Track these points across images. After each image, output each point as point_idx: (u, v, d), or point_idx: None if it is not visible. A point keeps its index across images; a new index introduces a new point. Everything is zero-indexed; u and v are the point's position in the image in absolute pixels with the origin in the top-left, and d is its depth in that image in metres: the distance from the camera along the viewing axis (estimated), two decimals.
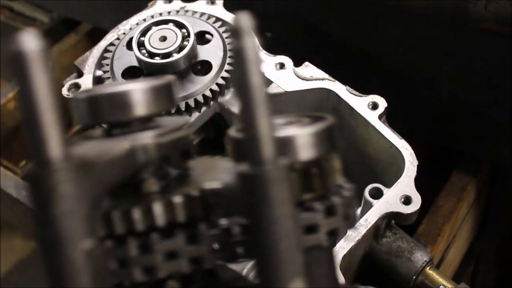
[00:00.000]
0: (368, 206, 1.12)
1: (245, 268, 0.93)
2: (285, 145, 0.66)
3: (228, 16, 1.27)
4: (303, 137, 0.69)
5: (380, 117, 1.18)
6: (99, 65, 1.24)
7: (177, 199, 0.70)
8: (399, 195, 1.10)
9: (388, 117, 1.19)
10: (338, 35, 1.38)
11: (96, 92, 0.73)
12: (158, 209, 0.69)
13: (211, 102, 1.20)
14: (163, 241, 0.69)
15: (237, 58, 0.61)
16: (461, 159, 1.50)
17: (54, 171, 0.54)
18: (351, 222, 0.73)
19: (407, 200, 1.10)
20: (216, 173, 0.74)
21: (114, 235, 0.70)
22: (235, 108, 1.20)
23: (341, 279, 0.78)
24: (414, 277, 1.16)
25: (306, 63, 1.24)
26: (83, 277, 0.55)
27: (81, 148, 0.61)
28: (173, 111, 1.17)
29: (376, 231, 1.13)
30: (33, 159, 0.55)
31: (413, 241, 1.21)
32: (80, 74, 1.25)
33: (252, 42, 0.61)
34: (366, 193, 1.13)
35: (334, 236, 0.71)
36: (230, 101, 1.21)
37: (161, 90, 0.75)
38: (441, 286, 1.15)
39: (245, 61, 0.61)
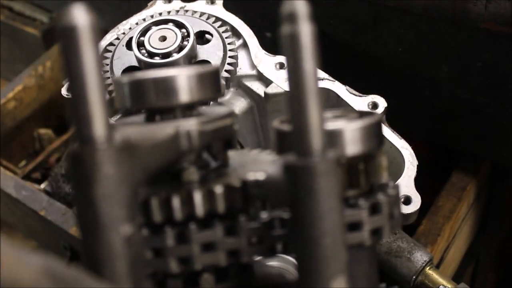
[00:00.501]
0: None
1: (282, 264, 0.90)
2: (333, 139, 0.64)
3: (228, 16, 1.27)
4: (351, 131, 0.67)
5: None
6: None
7: (218, 189, 0.68)
8: (399, 195, 1.10)
9: (388, 117, 1.19)
10: (338, 35, 1.38)
11: (141, 76, 0.71)
12: (198, 198, 0.67)
13: (211, 103, 1.20)
14: (201, 232, 0.67)
15: (291, 44, 0.59)
16: (461, 159, 1.50)
17: (97, 150, 0.53)
18: (395, 222, 0.70)
19: (407, 200, 1.10)
20: (257, 165, 0.72)
21: (151, 223, 0.68)
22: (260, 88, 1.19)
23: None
24: (414, 277, 1.16)
25: None
26: (120, 263, 0.54)
27: (124, 131, 0.59)
28: None
29: None
30: (77, 137, 0.54)
31: (413, 241, 1.21)
32: None
33: (308, 28, 0.59)
34: None
35: (378, 235, 0.68)
36: (230, 101, 1.21)
37: (207, 77, 0.73)
38: (441, 286, 1.15)
39: (300, 47, 0.59)
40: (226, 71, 1.20)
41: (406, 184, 1.12)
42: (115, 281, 0.54)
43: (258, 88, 1.23)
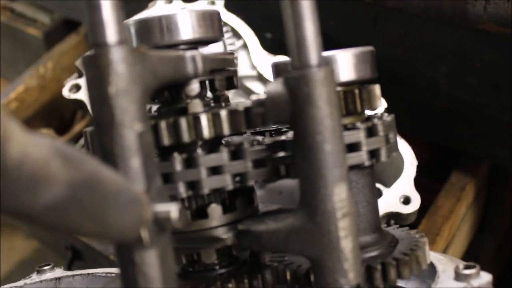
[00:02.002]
0: None
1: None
2: (328, 64, 0.67)
3: (229, 17, 1.27)
4: (344, 58, 0.74)
5: None
6: None
7: (223, 112, 0.71)
8: (399, 195, 1.11)
9: None
10: (339, 35, 1.38)
11: (146, 16, 0.76)
12: (204, 120, 0.71)
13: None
14: (208, 155, 0.71)
15: None
16: (460, 159, 1.51)
17: (112, 50, 0.56)
18: (392, 146, 0.76)
19: (406, 200, 1.11)
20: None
21: (160, 149, 0.72)
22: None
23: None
24: None
25: None
26: (135, 158, 0.56)
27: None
28: None
29: None
30: (92, 41, 0.57)
31: None
32: (81, 75, 1.25)
33: None
34: None
35: (375, 157, 0.74)
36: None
37: (207, 17, 0.77)
38: None
39: None
40: None
41: (406, 184, 1.12)
42: (130, 175, 0.56)
43: (258, 88, 1.23)
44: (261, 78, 1.22)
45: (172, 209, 0.56)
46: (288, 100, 0.63)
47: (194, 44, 0.77)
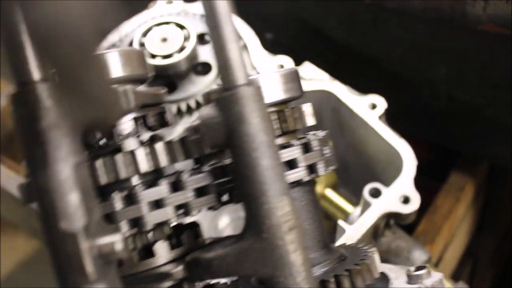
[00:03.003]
0: (367, 206, 1.13)
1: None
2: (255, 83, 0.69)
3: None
4: (269, 80, 0.76)
5: (379, 117, 1.19)
6: None
7: (159, 144, 0.72)
8: (398, 194, 1.11)
9: (388, 117, 1.20)
10: (338, 35, 1.38)
11: None
12: (141, 154, 0.71)
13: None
14: (147, 190, 0.70)
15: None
16: (459, 159, 1.51)
17: (38, 86, 0.57)
18: (328, 160, 0.79)
19: (406, 200, 1.11)
20: None
21: (99, 190, 0.70)
22: None
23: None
24: None
25: (306, 63, 1.25)
26: (73, 192, 0.55)
27: None
28: (174, 112, 1.18)
29: (375, 231, 1.14)
30: (17, 79, 0.57)
31: (411, 240, 1.22)
32: None
33: None
34: (366, 192, 1.14)
35: (314, 172, 0.76)
36: None
37: (133, 56, 0.78)
38: None
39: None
40: None
41: (405, 184, 1.12)
42: (69, 211, 0.55)
43: None
44: None
45: (116, 240, 0.56)
46: (221, 121, 0.65)
47: (125, 82, 0.77)
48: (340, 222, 1.10)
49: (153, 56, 1.17)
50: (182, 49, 1.17)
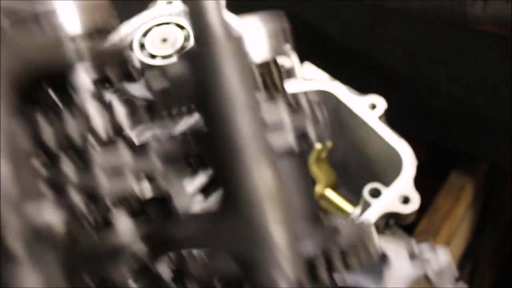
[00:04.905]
0: (367, 206, 1.13)
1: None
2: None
3: (229, 17, 1.28)
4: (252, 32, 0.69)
5: (379, 117, 1.19)
6: None
7: (120, 108, 0.61)
8: (398, 194, 1.11)
9: (388, 117, 1.20)
10: (338, 36, 1.38)
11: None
12: (94, 111, 0.59)
13: None
14: (104, 155, 0.58)
15: None
16: (459, 159, 1.51)
17: None
18: (321, 125, 0.68)
19: (406, 200, 1.11)
20: None
21: (48, 155, 0.58)
22: None
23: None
24: None
25: (306, 63, 1.25)
26: (2, 161, 0.46)
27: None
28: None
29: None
30: None
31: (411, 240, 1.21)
32: None
33: None
34: (365, 192, 1.14)
35: (305, 138, 0.65)
36: None
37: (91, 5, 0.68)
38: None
39: None
40: None
41: (405, 184, 1.12)
42: None
43: None
44: None
45: (54, 213, 0.47)
46: (190, 77, 0.57)
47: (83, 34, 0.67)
48: None
49: (153, 57, 1.17)
50: (182, 49, 1.17)
